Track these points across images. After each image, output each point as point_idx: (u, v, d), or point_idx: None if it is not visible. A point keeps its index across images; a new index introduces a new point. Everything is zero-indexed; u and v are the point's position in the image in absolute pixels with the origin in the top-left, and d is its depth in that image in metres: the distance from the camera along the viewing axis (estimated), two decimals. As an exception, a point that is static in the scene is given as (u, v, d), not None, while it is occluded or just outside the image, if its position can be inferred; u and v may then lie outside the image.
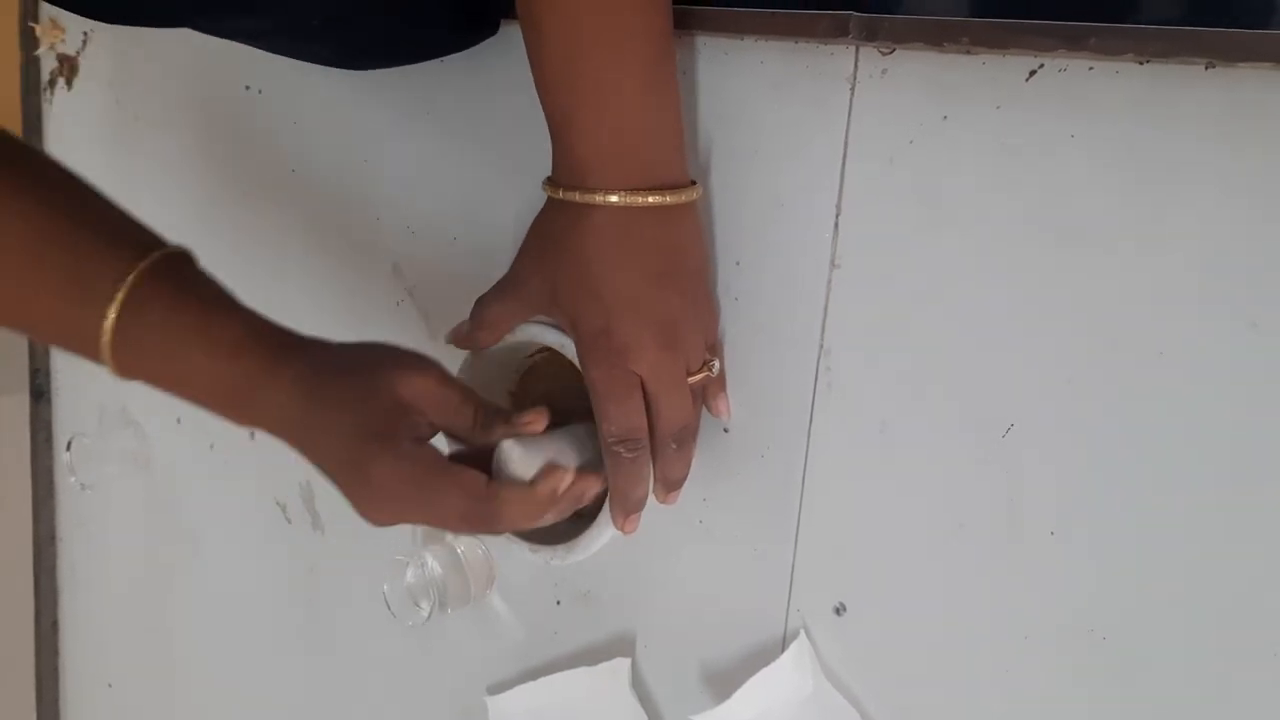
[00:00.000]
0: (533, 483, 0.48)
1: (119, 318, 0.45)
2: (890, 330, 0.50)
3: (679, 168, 0.50)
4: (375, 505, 0.47)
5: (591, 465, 0.53)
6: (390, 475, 0.45)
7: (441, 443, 0.49)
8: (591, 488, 0.50)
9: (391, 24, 0.57)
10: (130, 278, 0.45)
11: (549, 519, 0.49)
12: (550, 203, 0.50)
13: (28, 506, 1.01)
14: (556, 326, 0.54)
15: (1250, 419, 0.43)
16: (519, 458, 0.48)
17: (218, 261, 0.72)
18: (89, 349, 0.46)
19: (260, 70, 0.74)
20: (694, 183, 0.50)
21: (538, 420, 0.48)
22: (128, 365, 0.46)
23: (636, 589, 0.62)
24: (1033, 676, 0.49)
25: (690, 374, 0.51)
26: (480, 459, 0.49)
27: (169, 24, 0.55)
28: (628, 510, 0.52)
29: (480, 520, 0.47)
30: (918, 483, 0.51)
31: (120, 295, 0.45)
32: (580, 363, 0.50)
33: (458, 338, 0.55)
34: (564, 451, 0.51)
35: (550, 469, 0.48)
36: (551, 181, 0.50)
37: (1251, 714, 0.45)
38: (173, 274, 0.46)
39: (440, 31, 0.59)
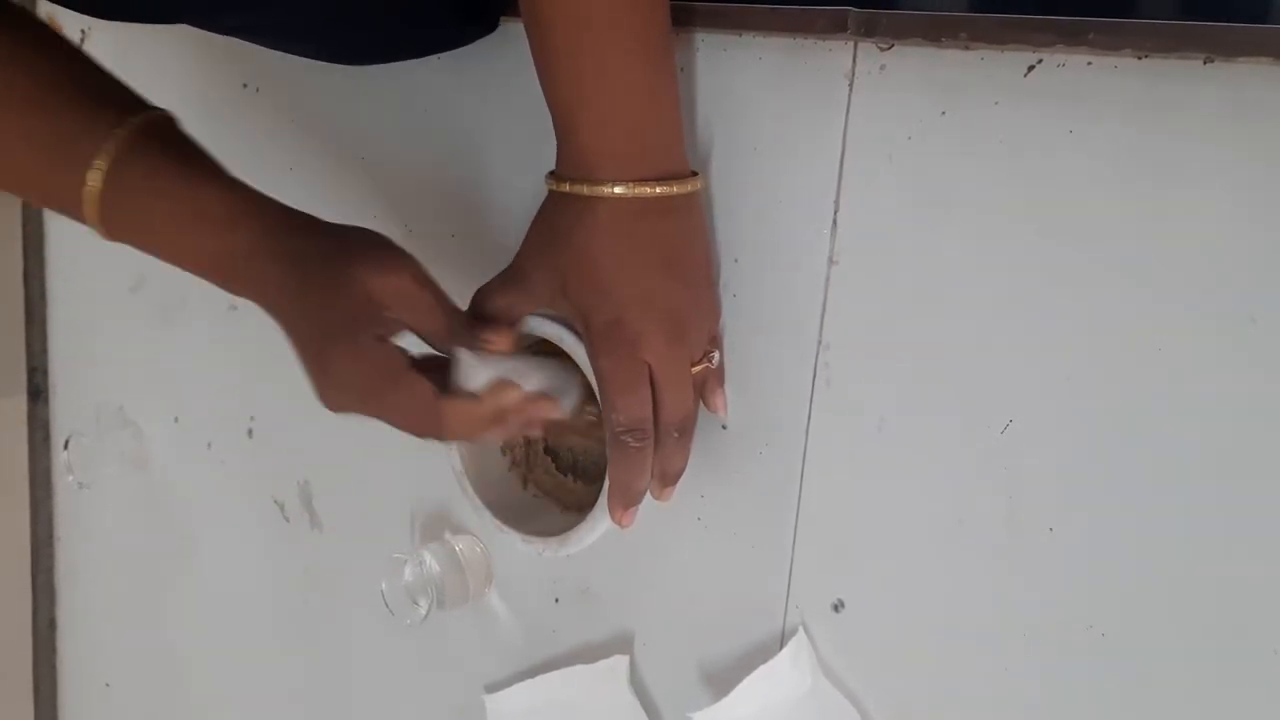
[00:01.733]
0: (481, 397, 0.48)
1: (105, 180, 0.45)
2: (889, 326, 0.50)
3: (681, 158, 0.50)
4: (330, 393, 0.48)
5: (560, 392, 0.53)
6: (346, 368, 0.47)
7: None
8: (543, 412, 0.51)
9: (389, 20, 0.57)
10: (113, 140, 0.45)
11: (496, 435, 0.50)
12: (554, 195, 0.50)
13: (25, 506, 1.01)
14: (554, 317, 0.54)
15: (1249, 414, 0.43)
16: (469, 366, 0.48)
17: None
18: (78, 210, 0.46)
19: (258, 68, 0.74)
20: (696, 174, 0.50)
21: (500, 340, 0.49)
22: (114, 228, 0.47)
23: (635, 586, 0.61)
24: (1031, 672, 0.49)
25: (692, 364, 0.51)
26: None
27: (167, 20, 0.55)
28: (627, 502, 0.52)
29: (424, 426, 0.48)
30: (916, 479, 0.51)
31: (104, 158, 0.45)
32: (589, 354, 0.51)
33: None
34: (525, 374, 0.51)
35: (500, 385, 0.49)
36: (556, 175, 0.50)
37: (1250, 711, 0.45)
38: (156, 137, 0.47)
39: (438, 28, 0.59)
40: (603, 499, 0.53)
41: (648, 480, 0.52)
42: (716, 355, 0.54)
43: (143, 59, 0.81)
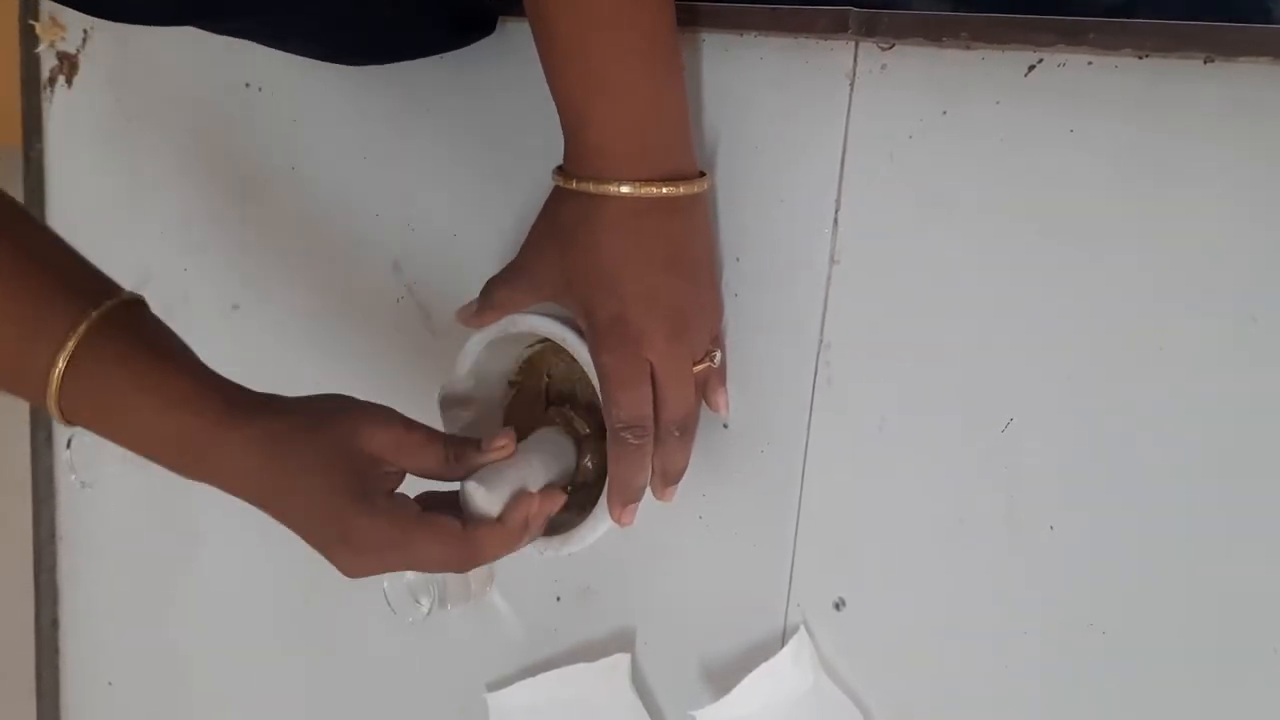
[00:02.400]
0: (502, 517, 0.48)
1: (67, 367, 0.44)
2: (890, 326, 0.51)
3: (689, 158, 0.50)
4: (356, 563, 0.47)
5: (562, 471, 0.54)
6: (369, 534, 0.46)
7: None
8: (557, 503, 0.51)
9: (391, 21, 0.58)
10: (81, 327, 0.44)
11: (527, 542, 0.50)
12: (560, 192, 0.50)
13: (28, 505, 1.01)
14: (557, 316, 0.54)
15: (1250, 413, 0.43)
16: (483, 497, 0.48)
17: (217, 260, 0.72)
18: (35, 394, 0.45)
19: (260, 68, 0.74)
20: (703, 174, 0.51)
21: (506, 445, 0.49)
22: (74, 414, 0.46)
23: (636, 585, 0.62)
24: (1032, 671, 0.49)
25: (694, 363, 0.52)
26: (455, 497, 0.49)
27: (168, 22, 0.55)
28: (626, 500, 0.52)
29: (460, 563, 0.48)
30: (917, 478, 0.51)
31: (70, 344, 0.44)
32: (591, 350, 0.51)
33: (466, 316, 0.56)
34: (531, 469, 0.51)
35: (517, 500, 0.49)
36: (563, 171, 0.50)
37: (1250, 709, 0.45)
38: (125, 324, 0.46)
39: (439, 28, 0.60)
40: (604, 498, 0.53)
41: (647, 478, 0.52)
42: (719, 354, 0.54)
43: (145, 59, 0.81)
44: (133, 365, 0.45)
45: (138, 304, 0.48)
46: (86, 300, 0.45)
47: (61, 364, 0.44)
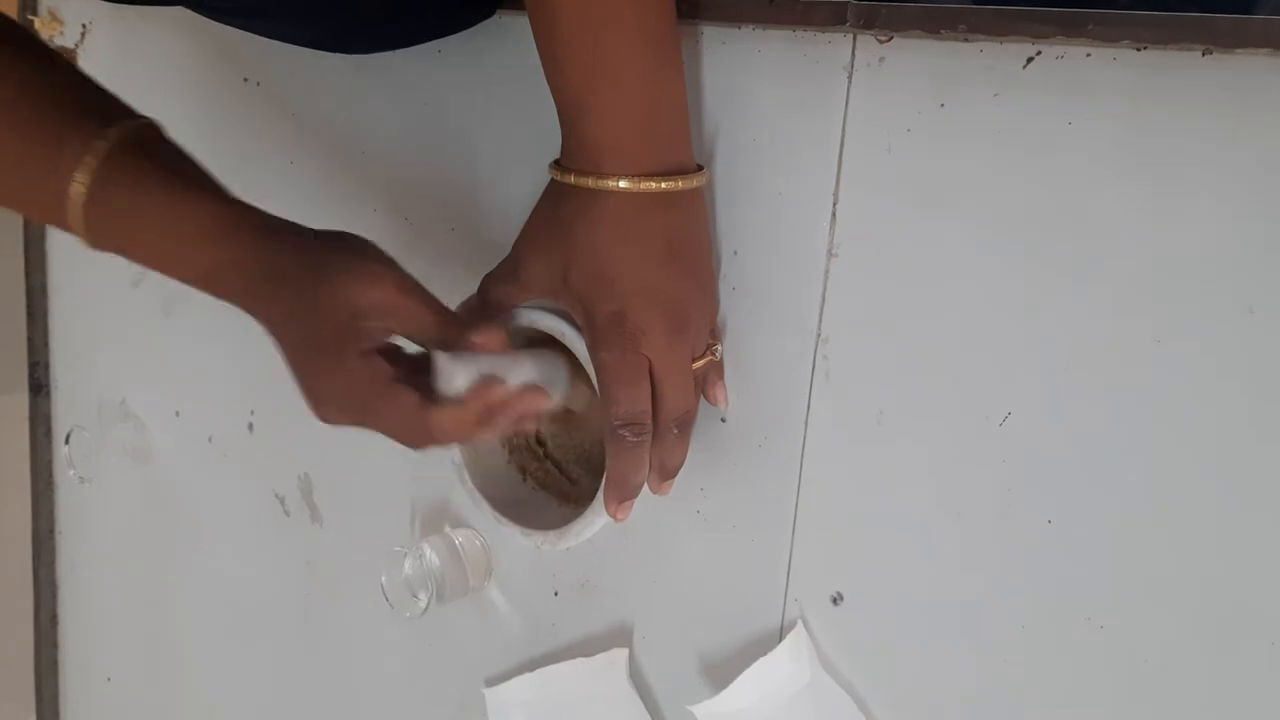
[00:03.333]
0: (464, 400, 0.48)
1: (89, 189, 0.45)
2: (888, 319, 0.50)
3: (687, 152, 0.50)
4: (320, 406, 0.48)
5: (547, 383, 0.52)
6: (333, 386, 0.47)
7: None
8: (532, 404, 0.50)
9: (385, 5, 0.57)
10: (97, 148, 0.45)
11: (489, 434, 0.50)
12: (557, 186, 0.50)
13: (27, 500, 1.01)
14: (555, 310, 0.54)
15: (1248, 405, 0.43)
16: (448, 373, 0.48)
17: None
18: (62, 219, 0.47)
19: (258, 62, 0.74)
20: (701, 168, 0.50)
21: (490, 338, 0.49)
22: (98, 237, 0.47)
23: (634, 580, 0.62)
24: (1030, 666, 0.49)
25: (694, 359, 0.51)
26: None
27: (167, 2, 0.55)
28: (623, 496, 0.52)
29: (415, 436, 0.48)
30: (915, 472, 0.51)
31: (87, 166, 0.45)
32: (589, 346, 0.51)
33: (467, 311, 0.56)
34: (509, 369, 0.50)
35: (483, 386, 0.48)
36: (560, 165, 0.50)
37: (1249, 703, 0.45)
38: (141, 146, 0.47)
39: (434, 13, 0.59)
40: (600, 493, 0.53)
41: (645, 474, 0.52)
42: (719, 348, 0.54)
43: (143, 53, 0.81)
44: (151, 187, 0.47)
45: (154, 127, 0.49)
46: (104, 122, 0.46)
47: (81, 189, 0.45)
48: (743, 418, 0.56)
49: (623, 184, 0.47)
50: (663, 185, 0.48)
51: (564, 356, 0.55)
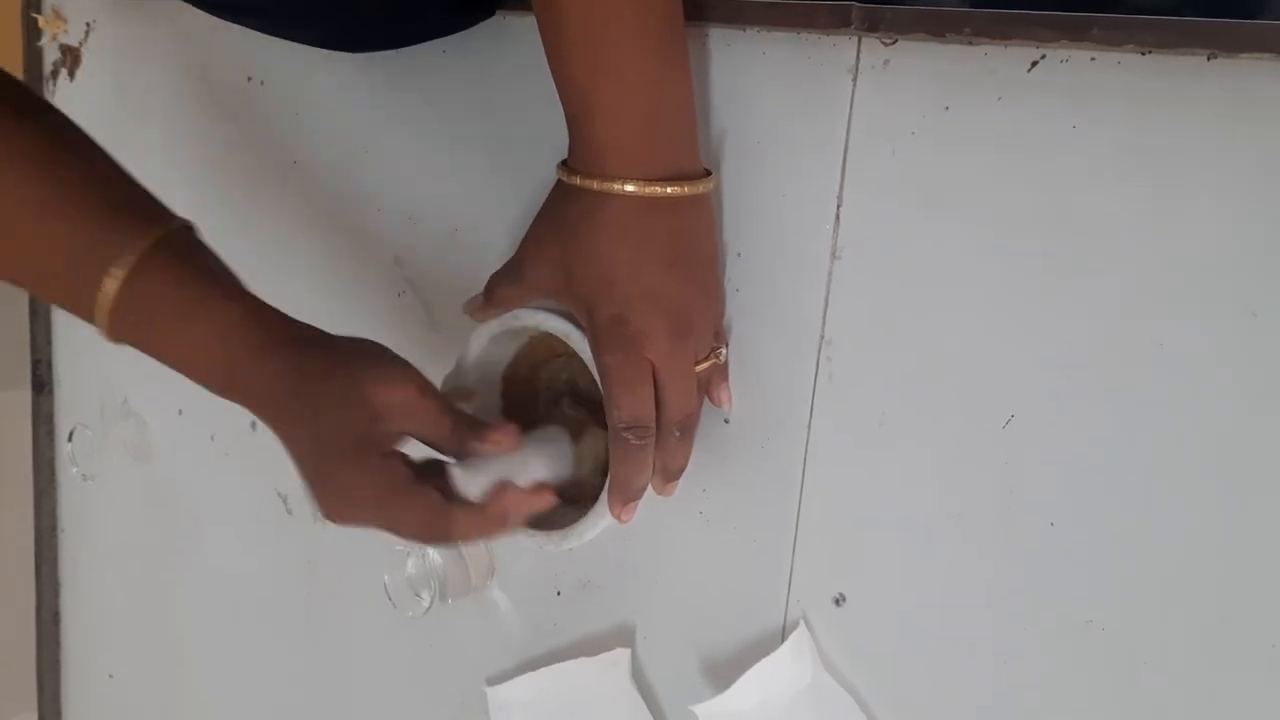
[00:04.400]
0: (482, 504, 0.49)
1: (121, 288, 0.46)
2: (891, 321, 0.51)
3: (694, 157, 0.50)
4: (337, 509, 0.49)
5: (557, 472, 0.54)
6: (354, 487, 0.48)
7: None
8: (543, 502, 0.52)
9: (387, 5, 0.57)
10: (138, 249, 0.46)
11: (505, 532, 0.51)
12: (563, 187, 0.50)
13: (29, 498, 1.01)
14: (560, 311, 0.54)
15: (1250, 409, 0.43)
16: (463, 482, 0.49)
17: (219, 252, 0.72)
18: (85, 311, 0.47)
19: (262, 61, 0.74)
20: (709, 172, 0.50)
21: (503, 441, 0.49)
22: (121, 333, 0.48)
23: (637, 580, 0.62)
24: (1031, 668, 0.49)
25: (697, 362, 0.52)
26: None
27: None
28: (627, 498, 0.52)
29: (435, 533, 0.49)
30: (917, 474, 0.51)
31: (125, 266, 0.46)
32: (593, 349, 0.51)
33: (472, 309, 0.56)
34: (524, 465, 0.52)
35: (499, 490, 0.50)
36: (567, 167, 0.49)
37: (1249, 706, 0.45)
38: (178, 249, 0.47)
39: (436, 12, 0.59)
40: (604, 494, 0.53)
41: (648, 477, 0.52)
42: (724, 351, 0.54)
43: (147, 51, 0.81)
44: (184, 291, 0.47)
45: (189, 230, 0.49)
46: (145, 224, 0.47)
47: (115, 286, 0.46)
48: (746, 419, 0.56)
49: (629, 187, 0.47)
50: (669, 190, 0.48)
51: (565, 430, 0.56)
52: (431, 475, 0.49)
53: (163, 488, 0.89)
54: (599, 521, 0.54)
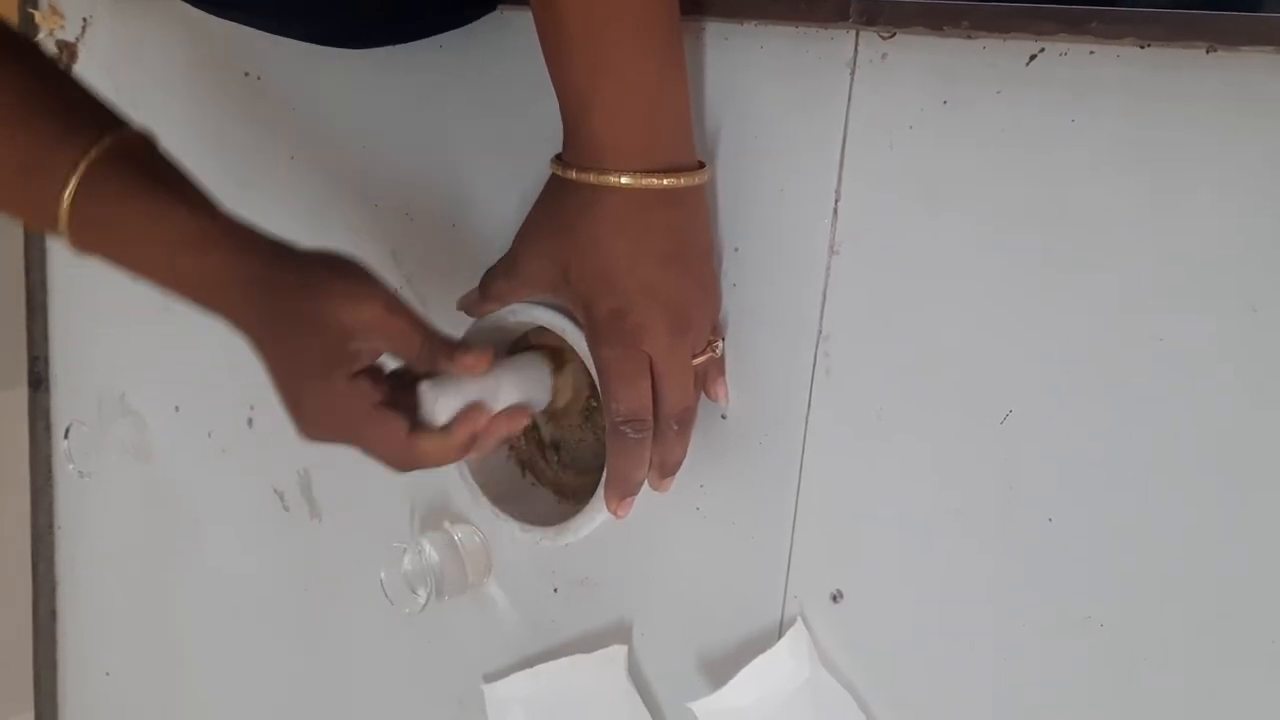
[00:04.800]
0: (449, 427, 0.49)
1: (75, 197, 0.45)
2: (889, 316, 0.50)
3: (689, 150, 0.50)
4: (305, 426, 0.49)
5: (532, 399, 0.53)
6: (320, 409, 0.48)
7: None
8: (515, 426, 0.51)
9: (386, 2, 0.57)
10: (88, 156, 0.45)
11: (474, 455, 0.51)
12: (558, 182, 0.50)
13: (26, 495, 1.01)
14: (555, 306, 0.54)
15: (1250, 404, 0.43)
16: (431, 403, 0.49)
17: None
18: (48, 224, 0.47)
19: (259, 57, 0.73)
20: (703, 165, 0.50)
21: (476, 365, 0.49)
22: (85, 244, 0.47)
23: (634, 576, 0.61)
24: (1029, 664, 0.49)
25: (694, 356, 0.51)
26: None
27: None
28: (624, 493, 0.52)
29: (400, 461, 0.49)
30: (915, 469, 0.51)
31: (76, 174, 0.45)
32: (590, 343, 0.50)
33: (467, 305, 0.56)
34: (493, 389, 0.51)
35: (466, 413, 0.49)
36: (562, 161, 0.49)
37: (1248, 701, 0.45)
38: (134, 154, 0.47)
39: (435, 9, 0.59)
40: (600, 489, 0.53)
41: (645, 471, 0.52)
42: (720, 345, 0.54)
43: (144, 47, 0.81)
44: (141, 197, 0.47)
45: (144, 137, 0.49)
46: (94, 131, 0.46)
47: (68, 195, 0.45)
48: (743, 414, 0.56)
49: (624, 180, 0.47)
50: (664, 182, 0.48)
51: (545, 358, 0.55)
52: (402, 392, 0.49)
53: (160, 485, 0.89)
54: (595, 517, 0.54)
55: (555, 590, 0.65)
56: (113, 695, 1.00)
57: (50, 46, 0.88)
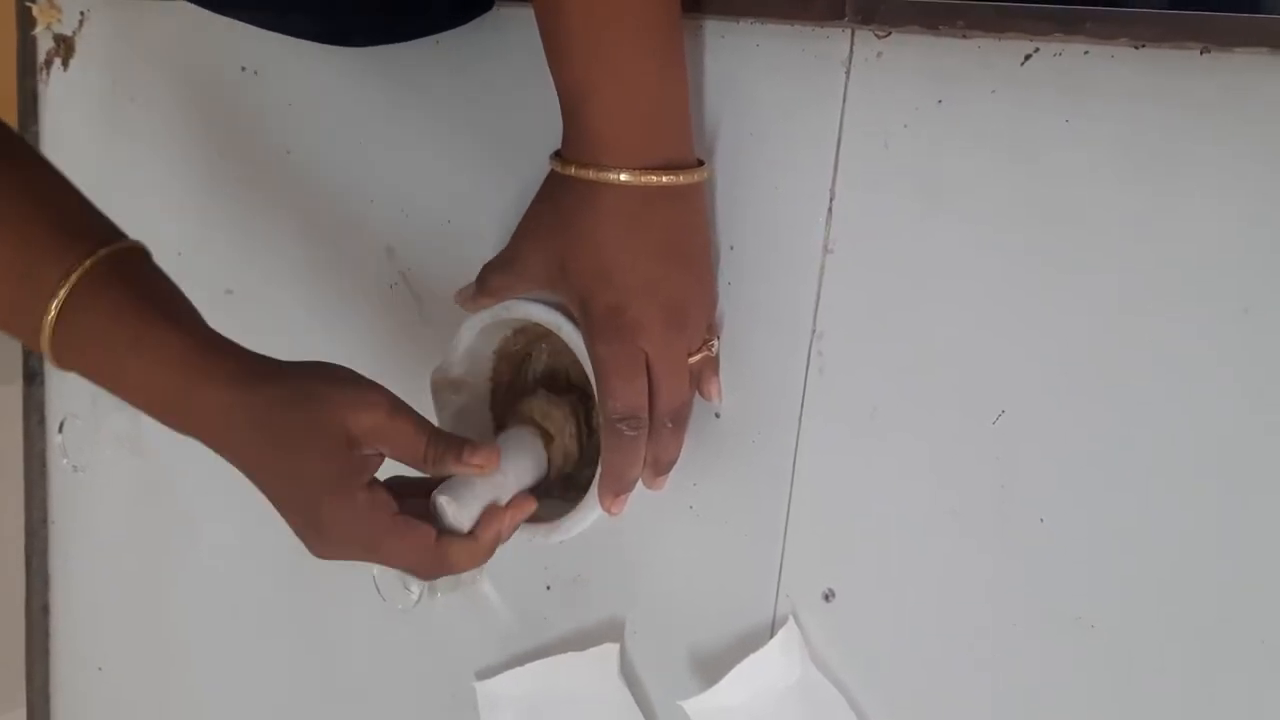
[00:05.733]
0: (474, 532, 0.49)
1: (61, 312, 0.44)
2: (883, 316, 0.50)
3: (688, 147, 0.50)
4: (325, 550, 0.48)
5: (534, 474, 0.54)
6: (342, 527, 0.46)
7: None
8: (527, 511, 0.52)
9: (385, 0, 0.57)
10: (77, 272, 0.44)
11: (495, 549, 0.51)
12: (557, 178, 0.50)
13: (20, 489, 1.01)
14: (552, 303, 0.54)
15: (1243, 405, 0.43)
16: (454, 513, 0.49)
17: (212, 243, 0.72)
18: (30, 337, 0.45)
19: (257, 52, 0.73)
20: (702, 162, 0.50)
21: (488, 462, 0.48)
22: (66, 360, 0.46)
23: (626, 574, 0.61)
24: (1021, 664, 0.49)
25: (690, 354, 0.51)
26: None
27: None
28: (618, 491, 0.52)
29: (429, 570, 0.48)
30: (908, 469, 0.51)
31: (64, 289, 0.44)
32: (586, 339, 0.50)
33: (463, 299, 0.56)
34: (504, 480, 0.51)
35: (488, 518, 0.49)
36: (562, 157, 0.49)
37: (1239, 702, 0.45)
38: (122, 272, 0.45)
39: (434, 8, 0.59)
40: (594, 487, 0.53)
41: (640, 469, 0.52)
42: (715, 343, 0.54)
43: (141, 42, 0.81)
44: (126, 318, 0.45)
45: (137, 252, 0.47)
46: (86, 245, 0.45)
47: (54, 309, 0.44)
48: (737, 413, 0.56)
49: (623, 177, 0.47)
50: (664, 179, 0.48)
51: (536, 431, 0.55)
52: (413, 497, 0.48)
53: (154, 479, 0.89)
54: (588, 515, 0.54)
55: (548, 588, 0.65)
56: (105, 691, 1.00)
57: (47, 40, 0.88)
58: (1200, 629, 0.45)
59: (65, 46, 0.87)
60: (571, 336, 0.53)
